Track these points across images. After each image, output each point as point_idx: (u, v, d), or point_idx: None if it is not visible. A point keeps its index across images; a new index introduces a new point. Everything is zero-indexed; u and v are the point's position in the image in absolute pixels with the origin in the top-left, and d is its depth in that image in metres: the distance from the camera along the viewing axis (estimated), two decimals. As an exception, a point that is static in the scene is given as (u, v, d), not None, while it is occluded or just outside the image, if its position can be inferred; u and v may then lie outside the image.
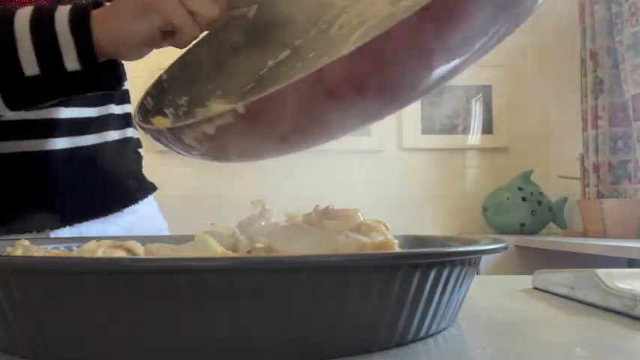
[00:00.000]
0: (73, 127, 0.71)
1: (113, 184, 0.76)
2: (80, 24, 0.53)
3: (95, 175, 0.74)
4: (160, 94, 0.53)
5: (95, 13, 0.54)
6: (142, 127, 0.47)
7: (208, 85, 0.56)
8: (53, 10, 0.54)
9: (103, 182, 0.75)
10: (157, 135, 0.45)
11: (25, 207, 0.68)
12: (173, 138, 0.43)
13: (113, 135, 0.76)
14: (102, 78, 0.56)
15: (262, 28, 0.58)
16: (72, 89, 0.56)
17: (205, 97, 0.55)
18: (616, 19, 1.93)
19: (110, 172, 0.76)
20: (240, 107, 0.37)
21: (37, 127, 0.69)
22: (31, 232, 0.68)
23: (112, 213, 0.76)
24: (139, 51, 0.55)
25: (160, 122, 0.50)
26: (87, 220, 0.73)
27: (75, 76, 0.54)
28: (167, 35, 0.53)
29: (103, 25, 0.53)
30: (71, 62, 0.53)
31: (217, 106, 0.53)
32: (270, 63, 0.58)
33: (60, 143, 0.70)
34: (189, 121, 0.41)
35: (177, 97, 0.54)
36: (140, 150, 0.83)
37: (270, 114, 0.38)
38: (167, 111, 0.53)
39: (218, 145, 0.42)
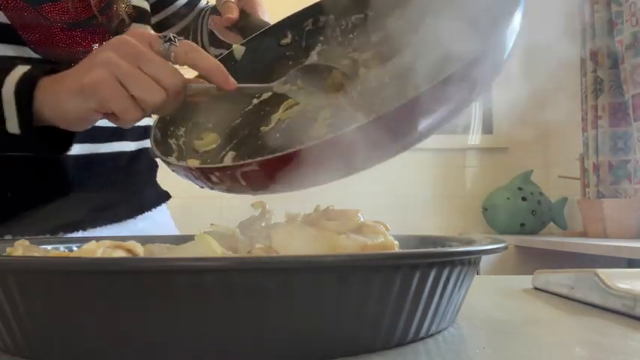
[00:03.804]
0: (92, 135, 0.73)
1: (128, 191, 0.77)
2: (24, 91, 0.53)
3: (110, 182, 0.75)
4: (163, 125, 0.57)
5: (44, 82, 0.53)
6: (167, 163, 0.52)
7: (201, 118, 0.62)
8: (8, 71, 0.54)
9: (117, 189, 0.76)
10: (184, 172, 0.49)
11: (41, 210, 0.69)
12: (201, 176, 0.48)
13: (130, 145, 0.77)
14: (40, 145, 0.56)
15: (250, 68, 0.64)
16: (14, 149, 0.56)
17: (199, 129, 0.61)
18: (616, 19, 1.93)
19: (125, 180, 0.77)
20: (254, 164, 0.44)
21: None
22: (44, 234, 0.69)
23: (126, 219, 0.77)
24: (77, 126, 0.54)
25: (192, 162, 0.57)
26: (101, 225, 0.74)
27: (16, 139, 0.54)
28: (110, 115, 0.52)
29: (45, 95, 0.53)
30: (12, 126, 0.53)
31: (210, 138, 0.60)
32: (255, 101, 0.65)
33: (76, 149, 0.71)
34: (218, 166, 0.48)
35: (177, 129, 0.59)
36: (156, 159, 0.84)
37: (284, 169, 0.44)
38: (171, 141, 0.57)
39: (240, 184, 0.47)
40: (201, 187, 0.50)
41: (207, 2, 0.92)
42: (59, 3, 0.67)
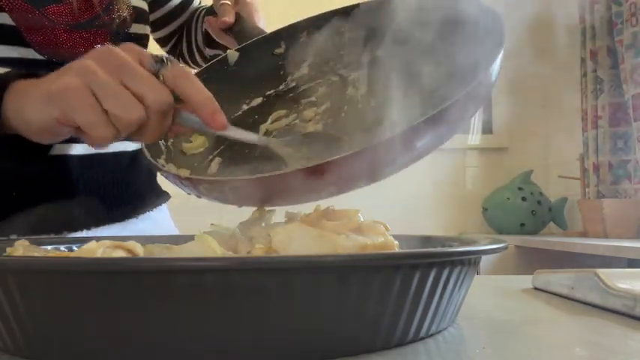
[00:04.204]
0: None
1: (129, 191, 0.78)
2: None
3: (112, 182, 0.75)
4: None
5: (17, 86, 0.50)
6: (157, 169, 0.52)
7: None
8: None
9: (119, 189, 0.76)
10: (174, 179, 0.50)
11: (44, 209, 0.69)
12: (190, 185, 0.48)
13: (131, 145, 0.78)
14: (9, 152, 0.53)
15: (242, 74, 0.65)
16: None
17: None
18: (616, 19, 1.93)
19: (127, 180, 0.77)
20: (248, 179, 0.45)
21: None
22: (48, 234, 0.69)
23: (127, 219, 0.78)
24: (41, 137, 0.50)
25: (183, 171, 0.56)
26: (103, 225, 0.74)
27: None
28: (77, 130, 0.47)
29: (14, 100, 0.49)
30: None
31: (199, 141, 0.60)
32: (245, 107, 0.66)
33: (79, 149, 0.71)
34: (207, 178, 0.50)
35: None
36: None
37: (272, 188, 0.46)
38: (160, 142, 0.57)
39: (227, 197, 0.48)
40: (188, 194, 0.51)
41: (200, 2, 0.92)
42: (63, 4, 0.67)
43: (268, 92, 0.66)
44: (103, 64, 0.45)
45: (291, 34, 0.67)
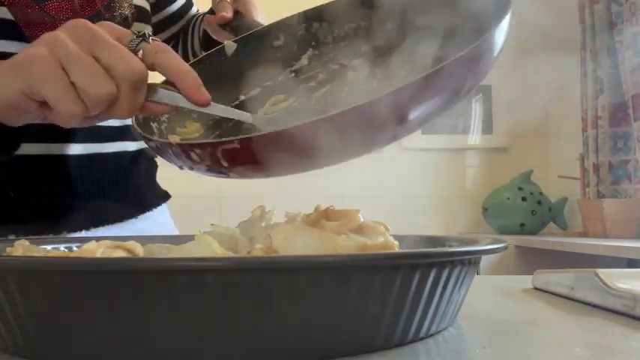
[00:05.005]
0: (92, 135, 0.73)
1: (129, 191, 0.78)
2: None
3: (112, 182, 0.75)
4: None
5: None
6: (146, 139, 0.50)
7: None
8: None
9: (119, 189, 0.76)
10: (163, 148, 0.47)
11: (43, 210, 0.69)
12: (181, 153, 0.45)
13: (131, 145, 0.78)
14: None
15: (239, 65, 0.65)
16: None
17: (183, 117, 0.60)
18: (616, 19, 1.94)
19: (126, 180, 0.77)
20: (236, 142, 0.42)
21: (56, 131, 0.69)
22: (48, 234, 0.69)
23: (127, 219, 0.78)
24: (10, 116, 0.46)
25: (173, 137, 0.55)
26: (102, 225, 0.74)
27: None
28: (44, 106, 0.43)
29: None
30: None
31: (193, 127, 0.59)
32: (242, 97, 0.65)
33: (78, 149, 0.71)
34: (199, 142, 0.44)
35: None
36: (155, 159, 0.84)
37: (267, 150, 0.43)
38: (153, 125, 0.56)
39: (221, 164, 0.45)
40: (181, 168, 0.47)
41: (198, 10, 0.93)
42: (63, 0, 0.67)
43: (266, 83, 0.65)
44: (74, 36, 0.43)
45: (289, 26, 0.67)
